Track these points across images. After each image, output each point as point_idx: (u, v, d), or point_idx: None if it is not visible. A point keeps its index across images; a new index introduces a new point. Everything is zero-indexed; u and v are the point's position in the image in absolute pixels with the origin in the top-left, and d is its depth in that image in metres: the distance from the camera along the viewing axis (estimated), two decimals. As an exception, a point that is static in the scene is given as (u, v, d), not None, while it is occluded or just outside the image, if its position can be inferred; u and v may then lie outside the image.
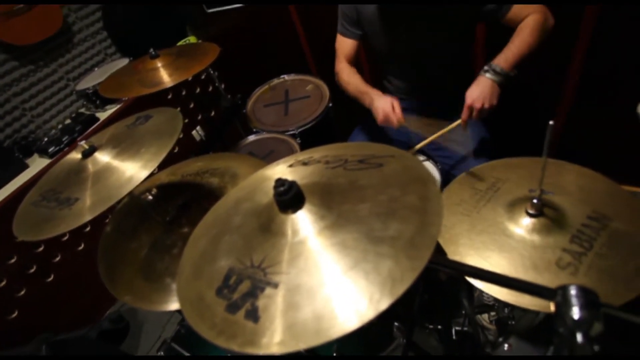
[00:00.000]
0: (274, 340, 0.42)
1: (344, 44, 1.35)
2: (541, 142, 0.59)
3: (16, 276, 1.55)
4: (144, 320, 1.77)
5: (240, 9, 2.12)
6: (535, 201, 0.70)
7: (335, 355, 0.96)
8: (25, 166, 1.73)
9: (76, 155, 0.83)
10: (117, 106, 1.95)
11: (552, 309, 0.44)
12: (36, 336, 1.24)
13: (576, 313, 0.41)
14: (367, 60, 1.89)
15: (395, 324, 1.03)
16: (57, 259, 1.67)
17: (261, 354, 0.42)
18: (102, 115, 1.94)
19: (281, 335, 0.42)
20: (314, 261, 0.48)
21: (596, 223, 0.70)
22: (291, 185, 0.52)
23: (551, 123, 0.57)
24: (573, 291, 0.42)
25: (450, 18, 1.14)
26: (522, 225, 0.72)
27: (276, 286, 0.47)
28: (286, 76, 1.79)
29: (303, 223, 0.51)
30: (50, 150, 1.75)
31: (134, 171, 0.74)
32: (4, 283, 1.52)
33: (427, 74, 1.28)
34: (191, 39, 2.38)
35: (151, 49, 1.28)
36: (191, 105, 2.24)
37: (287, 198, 0.52)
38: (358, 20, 1.27)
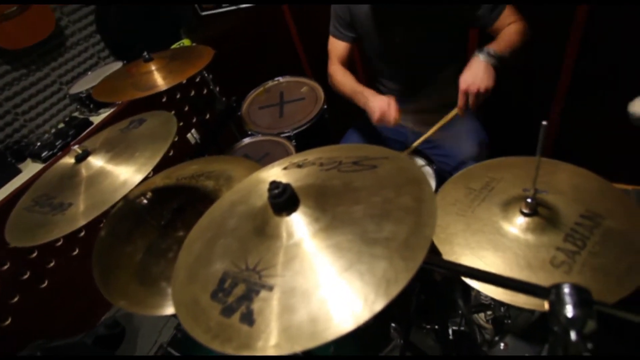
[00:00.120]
0: (269, 343, 0.42)
1: (337, 46, 1.34)
2: (535, 141, 0.60)
3: (9, 283, 1.53)
4: (140, 325, 1.75)
5: (235, 12, 2.12)
6: (530, 200, 0.70)
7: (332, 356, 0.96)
8: (18, 171, 1.72)
9: (69, 160, 0.83)
10: (111, 110, 1.94)
11: (546, 307, 0.44)
12: (30, 343, 1.23)
13: (570, 311, 0.41)
14: (361, 61, 1.90)
15: (392, 324, 1.03)
16: (52, 264, 1.66)
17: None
18: (96, 119, 1.93)
19: (276, 338, 0.42)
20: (308, 263, 0.48)
21: (589, 222, 0.70)
22: (285, 187, 0.52)
23: (544, 123, 0.57)
24: (566, 290, 0.43)
25: (444, 19, 1.15)
26: (516, 225, 0.72)
27: (271, 289, 0.47)
28: (281, 78, 1.79)
29: (298, 225, 0.51)
30: (43, 155, 1.73)
31: (128, 175, 0.74)
32: (-3, 290, 1.50)
33: (421, 75, 1.29)
34: (185, 41, 2.38)
35: (145, 52, 1.28)
36: (186, 109, 2.23)
37: (282, 201, 0.52)
38: (351, 23, 1.27)
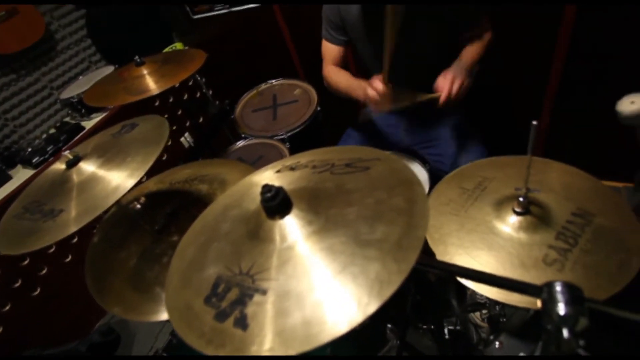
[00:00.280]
0: (263, 347, 0.41)
1: (331, 49, 1.34)
2: (526, 141, 0.61)
3: (0, 291, 1.50)
4: (136, 331, 1.73)
5: (227, 15, 2.12)
6: (522, 199, 0.71)
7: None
8: (8, 177, 1.69)
9: (60, 166, 0.82)
10: (103, 115, 1.92)
11: (539, 305, 0.44)
12: (23, 352, 1.21)
13: (562, 309, 0.42)
14: (354, 63, 1.90)
15: (389, 325, 1.03)
16: (44, 272, 1.63)
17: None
18: (88, 124, 1.91)
19: (270, 342, 0.42)
20: (302, 266, 0.48)
21: (581, 219, 0.71)
22: (278, 191, 0.52)
23: (534, 123, 0.58)
24: (558, 288, 0.43)
25: (436, 22, 1.16)
26: (509, 224, 0.73)
27: (265, 293, 0.46)
28: (274, 81, 1.79)
29: (291, 228, 0.51)
30: (34, 161, 1.71)
31: (120, 180, 0.74)
32: (-13, 299, 1.48)
33: (413, 78, 1.29)
34: (177, 45, 2.37)
35: (136, 56, 1.27)
36: (179, 112, 2.22)
37: (275, 204, 0.52)
38: (342, 26, 1.27)
